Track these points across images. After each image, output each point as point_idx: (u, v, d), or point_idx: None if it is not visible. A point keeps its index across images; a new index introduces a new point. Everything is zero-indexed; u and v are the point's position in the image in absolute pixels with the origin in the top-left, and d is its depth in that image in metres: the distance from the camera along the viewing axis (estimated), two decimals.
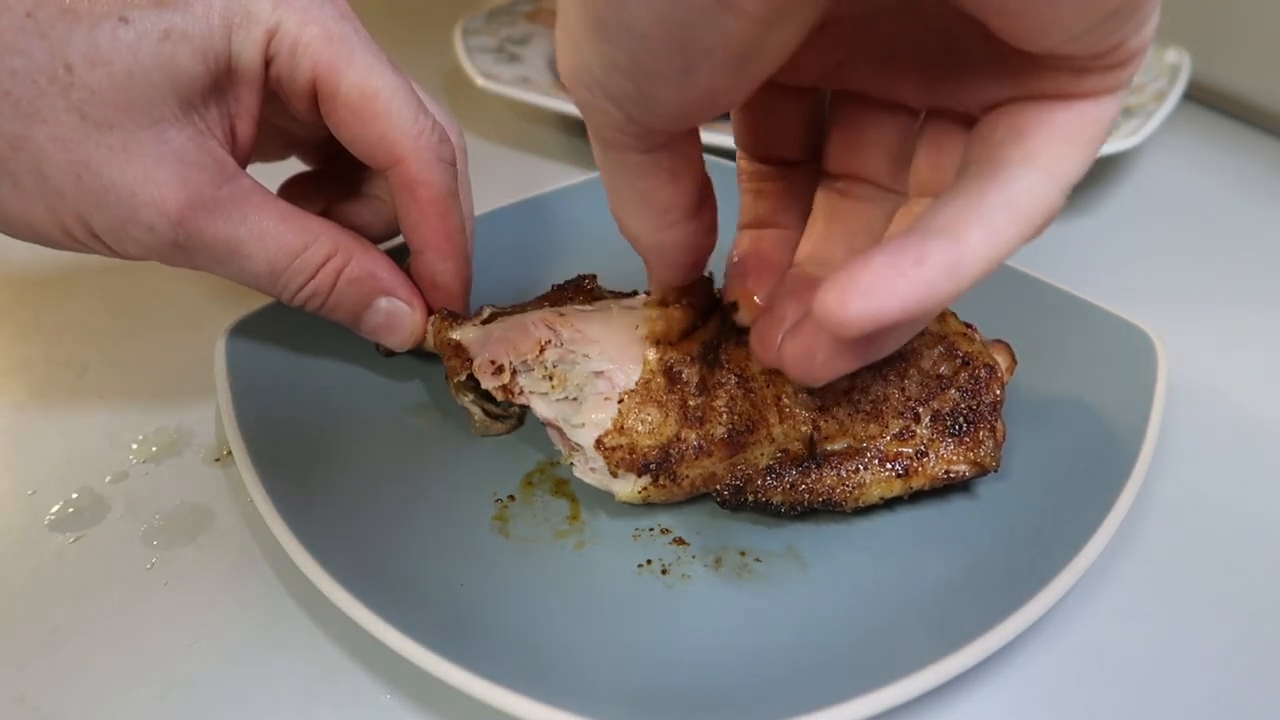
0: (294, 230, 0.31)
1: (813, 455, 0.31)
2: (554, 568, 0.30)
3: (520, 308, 0.36)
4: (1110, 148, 0.50)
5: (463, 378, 0.33)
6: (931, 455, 0.31)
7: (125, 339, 0.42)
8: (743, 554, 0.31)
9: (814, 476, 0.30)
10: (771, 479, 0.30)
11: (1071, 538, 0.28)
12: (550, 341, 0.32)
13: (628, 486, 0.31)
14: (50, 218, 0.29)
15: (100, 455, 0.36)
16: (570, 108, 0.55)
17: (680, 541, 0.31)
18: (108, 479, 0.35)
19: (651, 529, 0.32)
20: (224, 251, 0.30)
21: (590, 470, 0.31)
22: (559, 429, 0.31)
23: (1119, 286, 0.44)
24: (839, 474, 0.30)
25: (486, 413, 0.35)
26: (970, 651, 0.25)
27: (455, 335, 0.34)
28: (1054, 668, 0.29)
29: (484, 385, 0.32)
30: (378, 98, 0.31)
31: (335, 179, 0.39)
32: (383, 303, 0.34)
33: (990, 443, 0.31)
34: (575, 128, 0.63)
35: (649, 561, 0.31)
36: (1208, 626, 0.30)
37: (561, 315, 0.33)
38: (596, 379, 0.31)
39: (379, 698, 0.28)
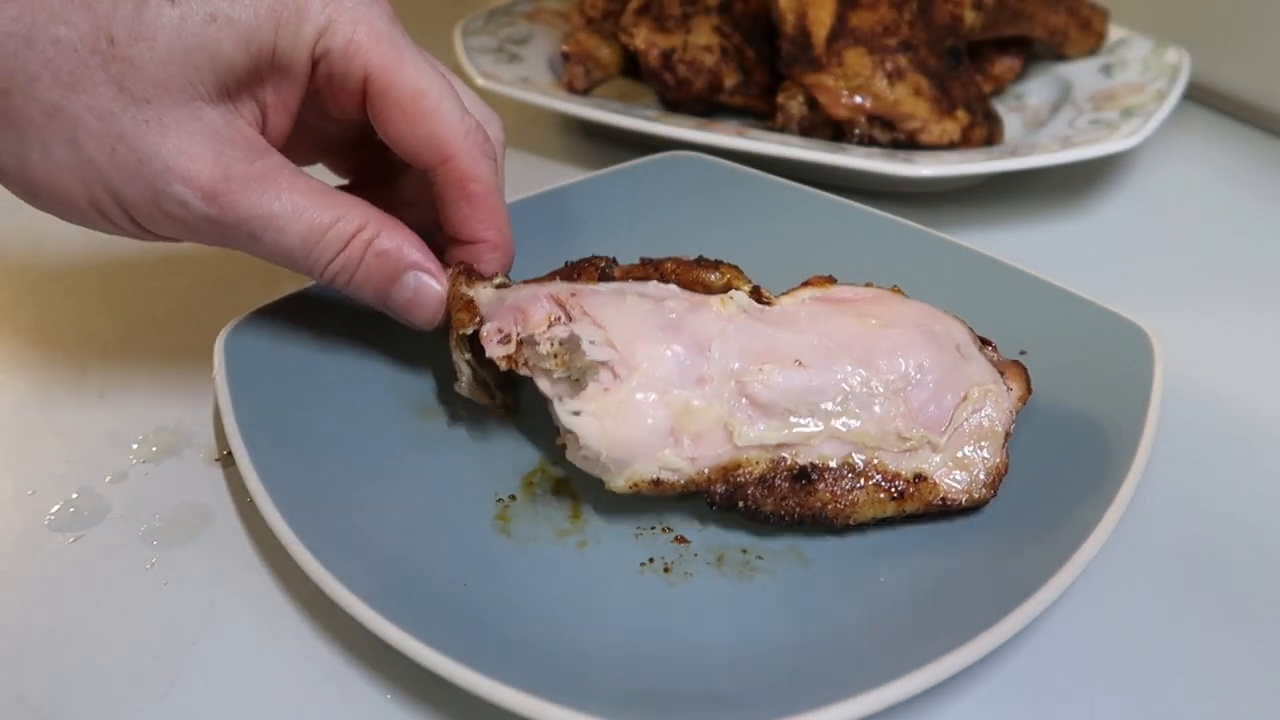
0: (326, 204, 0.31)
1: (808, 472, 0.30)
2: (556, 567, 0.30)
3: (535, 282, 0.35)
4: (1110, 148, 0.50)
5: (467, 332, 0.33)
6: (929, 480, 0.31)
7: (125, 339, 0.42)
8: (744, 552, 0.31)
9: (806, 491, 0.30)
10: (764, 489, 0.30)
11: (1069, 536, 0.28)
12: (559, 319, 0.32)
13: (620, 478, 0.30)
14: (81, 189, 0.29)
15: (100, 455, 0.36)
16: (570, 107, 0.56)
17: (682, 540, 0.31)
18: (108, 479, 0.35)
19: (653, 528, 0.32)
20: (258, 226, 0.30)
21: (583, 457, 0.31)
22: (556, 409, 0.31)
23: (1118, 286, 0.44)
24: (833, 491, 0.30)
25: (475, 377, 0.34)
26: (970, 649, 0.25)
27: (470, 292, 0.34)
28: (1052, 665, 0.28)
29: (489, 354, 0.32)
30: (428, 97, 0.32)
31: (363, 191, 0.39)
32: (410, 278, 0.33)
33: (989, 474, 0.31)
34: (575, 128, 0.63)
35: (651, 560, 0.31)
36: (1205, 625, 0.30)
37: (574, 295, 0.33)
38: (600, 368, 0.31)
39: (380, 697, 0.27)
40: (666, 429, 0.31)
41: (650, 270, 0.39)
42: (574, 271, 0.36)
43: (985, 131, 0.55)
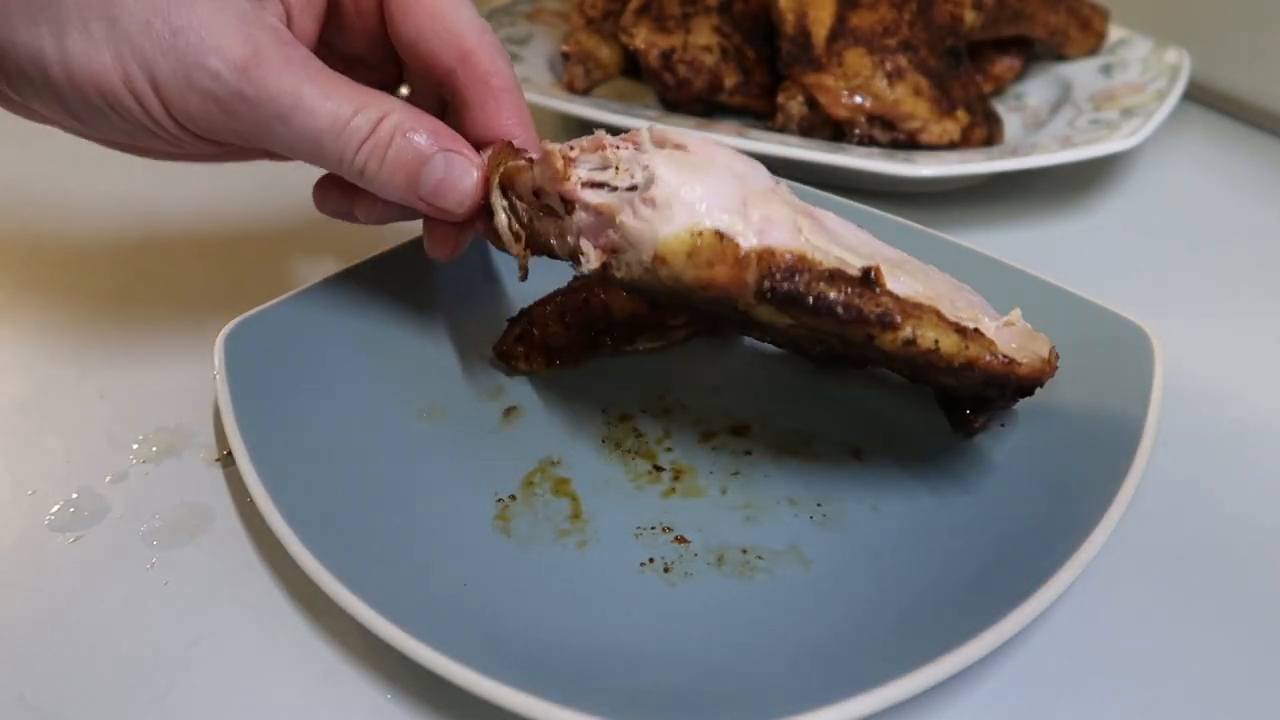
0: (354, 91, 0.32)
1: (875, 277, 0.28)
2: (556, 567, 0.30)
3: None
4: (1110, 148, 0.50)
5: (518, 163, 0.32)
6: (988, 337, 0.29)
7: (125, 339, 0.42)
8: (744, 551, 0.31)
9: (873, 291, 0.28)
10: (830, 279, 0.28)
11: (1069, 536, 0.28)
12: (624, 148, 0.30)
13: (683, 226, 0.27)
14: (115, 66, 0.29)
15: (100, 455, 0.36)
16: (570, 107, 0.56)
17: (682, 540, 0.31)
18: (108, 479, 0.35)
19: (653, 527, 0.32)
20: (287, 104, 0.30)
21: (645, 204, 0.28)
22: (606, 213, 0.29)
23: (1118, 286, 0.44)
24: (898, 301, 0.28)
25: (509, 225, 0.33)
26: (970, 649, 0.25)
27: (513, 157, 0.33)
28: (1052, 665, 0.28)
29: (545, 149, 0.31)
30: None
31: None
32: (440, 158, 0.33)
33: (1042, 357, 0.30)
34: (575, 127, 0.63)
35: (651, 560, 0.31)
36: (1205, 625, 0.30)
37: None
38: (675, 148, 0.29)
39: (380, 697, 0.27)
40: (740, 198, 0.28)
41: None
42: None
43: (985, 131, 0.55)
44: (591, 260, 0.30)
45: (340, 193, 0.37)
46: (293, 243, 0.48)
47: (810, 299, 0.27)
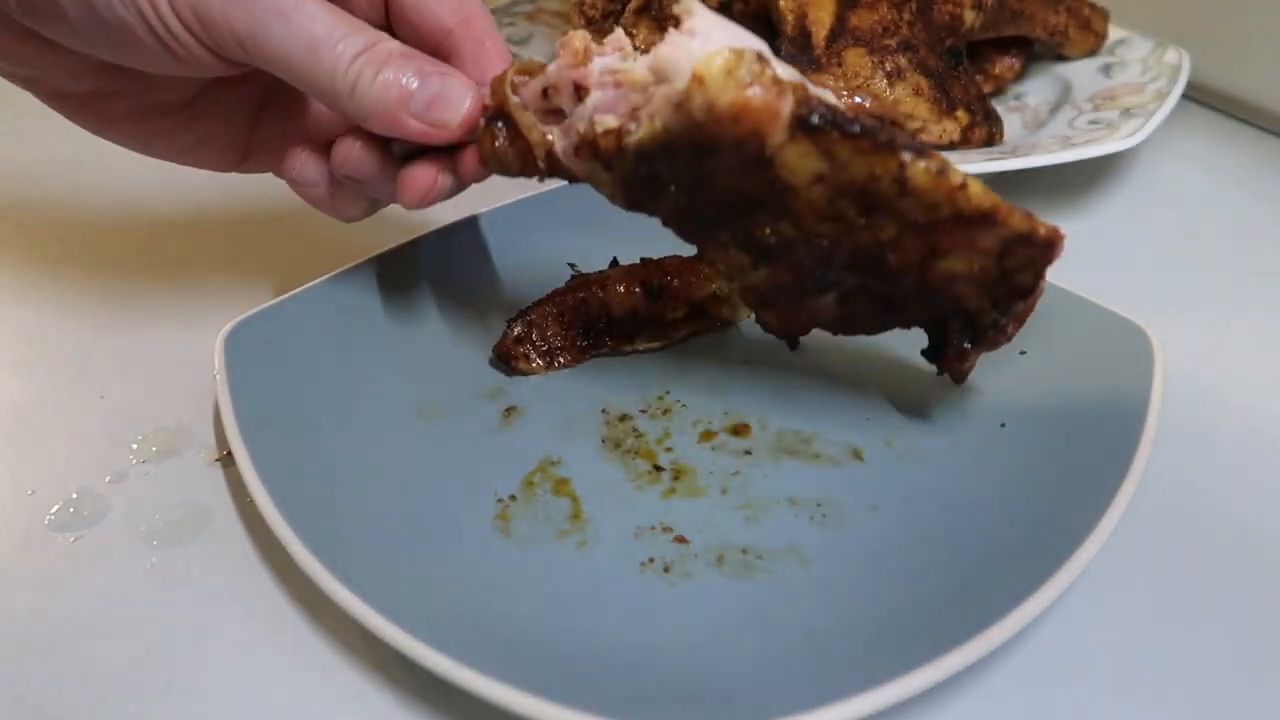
0: (352, 18, 0.32)
1: (901, 122, 0.28)
2: (556, 567, 0.30)
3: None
4: (1110, 147, 0.50)
5: (530, 68, 0.32)
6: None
7: (125, 339, 0.42)
8: (744, 552, 0.31)
9: (897, 128, 0.27)
10: (855, 116, 0.28)
11: (1068, 536, 0.28)
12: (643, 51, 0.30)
13: (718, 45, 0.26)
14: None
15: (100, 455, 0.36)
16: None
17: (682, 540, 0.31)
18: (108, 479, 0.35)
19: (653, 527, 0.32)
20: (290, 3, 0.30)
21: (676, 43, 0.27)
22: (627, 81, 0.29)
23: (1118, 286, 0.44)
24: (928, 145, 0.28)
25: (521, 123, 0.32)
26: (970, 649, 0.25)
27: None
28: (1052, 665, 0.28)
29: (570, 32, 0.30)
30: None
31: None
32: (436, 76, 0.32)
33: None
34: None
35: (651, 560, 0.31)
36: (1205, 625, 0.30)
37: None
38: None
39: (380, 697, 0.27)
40: (767, 53, 0.28)
41: (652, 269, 0.39)
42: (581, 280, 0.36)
43: (985, 131, 0.55)
44: (609, 123, 0.29)
45: (311, 153, 0.36)
46: (293, 242, 0.48)
47: (847, 120, 0.27)
